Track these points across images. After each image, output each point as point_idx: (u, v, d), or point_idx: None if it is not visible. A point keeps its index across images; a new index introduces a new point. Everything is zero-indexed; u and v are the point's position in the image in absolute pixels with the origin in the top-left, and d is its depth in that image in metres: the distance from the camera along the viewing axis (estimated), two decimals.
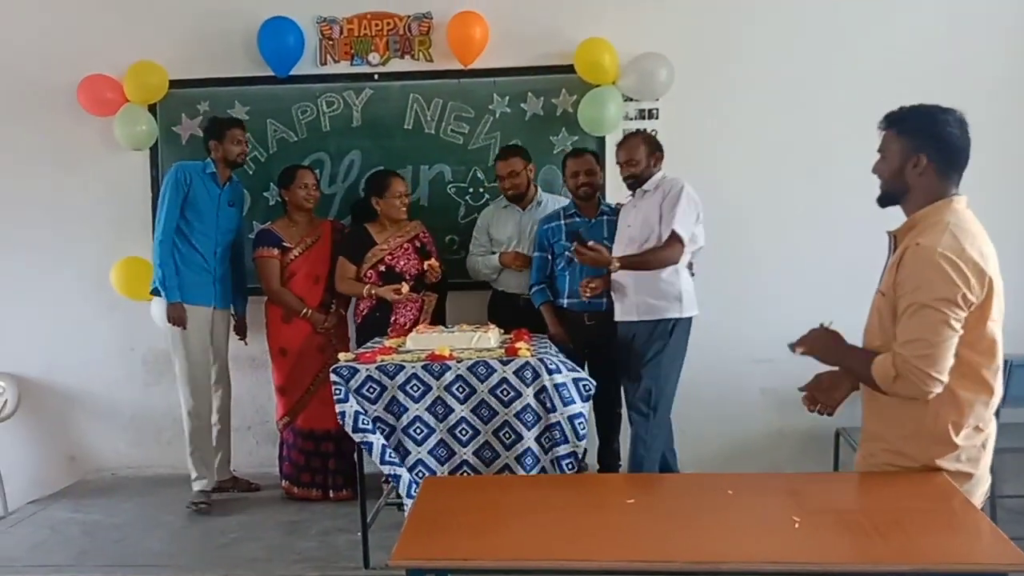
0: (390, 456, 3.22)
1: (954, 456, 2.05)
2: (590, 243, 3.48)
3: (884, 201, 2.17)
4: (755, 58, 4.32)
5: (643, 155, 3.67)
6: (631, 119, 4.38)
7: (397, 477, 3.23)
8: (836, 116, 4.17)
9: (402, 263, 4.04)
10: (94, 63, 4.44)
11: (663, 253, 3.52)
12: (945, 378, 1.96)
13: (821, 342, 2.20)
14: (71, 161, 4.59)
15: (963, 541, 1.82)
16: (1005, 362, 3.54)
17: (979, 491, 2.06)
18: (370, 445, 3.20)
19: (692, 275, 3.76)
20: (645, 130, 3.98)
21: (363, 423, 3.20)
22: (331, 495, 4.16)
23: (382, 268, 4.02)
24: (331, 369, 3.24)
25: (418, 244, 4.12)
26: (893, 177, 2.11)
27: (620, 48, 4.24)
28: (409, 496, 3.21)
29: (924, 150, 2.05)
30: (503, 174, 4.09)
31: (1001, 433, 3.61)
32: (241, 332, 4.36)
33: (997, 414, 2.18)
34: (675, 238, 3.50)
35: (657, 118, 4.38)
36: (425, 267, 4.00)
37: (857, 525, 1.81)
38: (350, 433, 3.22)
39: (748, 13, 4.31)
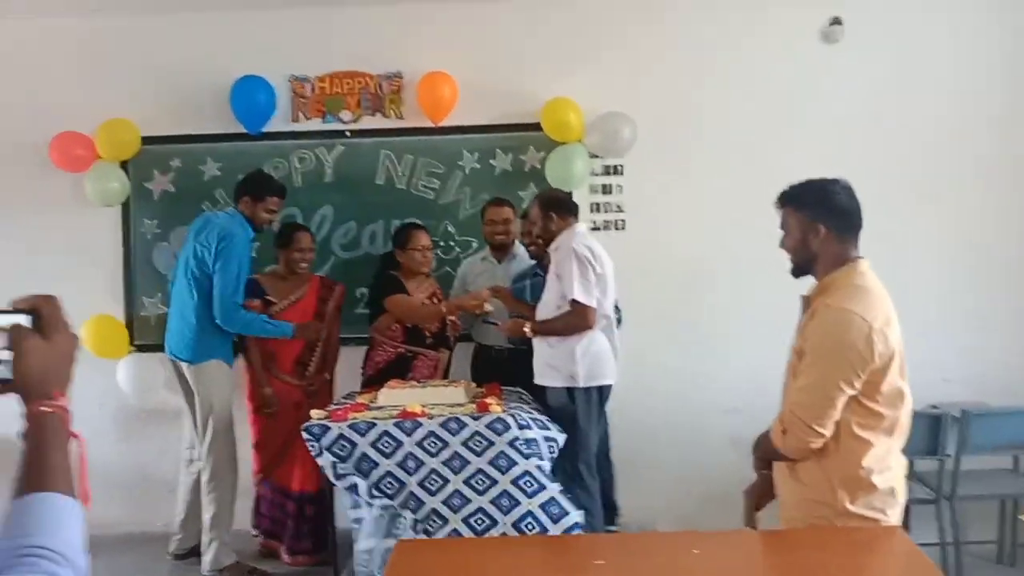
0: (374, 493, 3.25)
1: (865, 502, 2.13)
2: (498, 323, 3.83)
3: (797, 272, 2.33)
4: (715, 117, 4.43)
5: (538, 216, 3.67)
6: (597, 175, 4.49)
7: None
8: (795, 172, 4.27)
9: None
10: (66, 120, 4.44)
11: (571, 321, 3.48)
12: (827, 432, 2.09)
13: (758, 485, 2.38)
14: (42, 217, 4.56)
15: None
16: (963, 412, 3.69)
17: None
18: (356, 487, 3.23)
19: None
20: (558, 189, 4.01)
21: (341, 470, 3.22)
22: (286, 558, 4.06)
23: (408, 324, 4.02)
24: (302, 428, 3.25)
25: (435, 301, 4.12)
26: (799, 248, 2.28)
27: (585, 107, 4.35)
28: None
29: (820, 220, 2.22)
30: (497, 219, 4.14)
31: (964, 480, 3.74)
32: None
33: (911, 467, 2.31)
34: (576, 305, 3.46)
35: (622, 174, 4.49)
36: (447, 323, 4.06)
37: None
38: (333, 482, 3.23)
39: (708, 74, 4.45)
